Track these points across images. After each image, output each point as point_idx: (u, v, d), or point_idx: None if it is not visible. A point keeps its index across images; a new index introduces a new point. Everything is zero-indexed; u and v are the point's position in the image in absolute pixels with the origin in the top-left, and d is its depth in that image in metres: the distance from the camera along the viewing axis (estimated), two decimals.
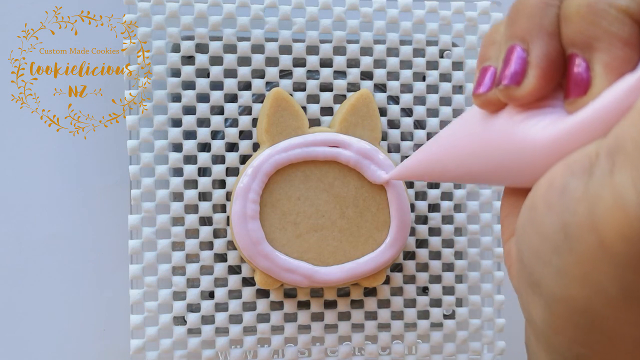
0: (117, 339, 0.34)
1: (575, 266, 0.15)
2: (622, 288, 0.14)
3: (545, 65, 0.17)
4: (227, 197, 0.33)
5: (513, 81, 0.17)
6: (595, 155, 0.15)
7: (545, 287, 0.16)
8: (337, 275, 0.31)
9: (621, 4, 0.15)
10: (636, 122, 0.13)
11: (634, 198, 0.13)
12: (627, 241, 0.14)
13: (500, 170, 0.18)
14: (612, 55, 0.15)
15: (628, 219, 0.13)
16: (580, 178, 0.15)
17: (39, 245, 0.34)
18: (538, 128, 0.16)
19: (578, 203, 0.15)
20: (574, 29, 0.16)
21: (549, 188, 0.16)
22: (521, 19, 0.17)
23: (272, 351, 0.33)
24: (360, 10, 0.33)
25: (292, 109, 0.31)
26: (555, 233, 0.15)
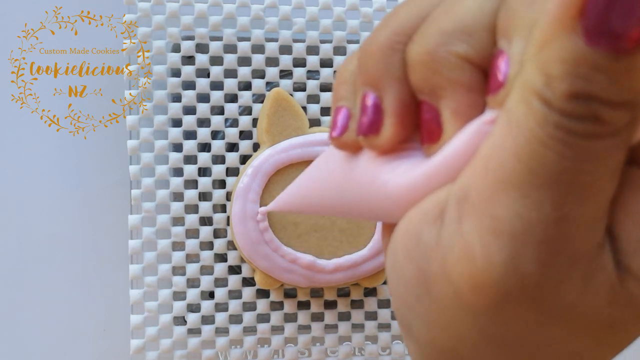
0: (118, 338, 0.34)
1: (436, 314, 0.15)
2: (482, 335, 0.15)
3: (400, 112, 0.16)
4: (227, 197, 0.33)
5: (371, 131, 0.17)
6: (445, 202, 0.15)
7: (415, 331, 0.16)
8: (337, 275, 0.31)
9: (459, 51, 0.15)
10: (479, 172, 0.14)
11: (480, 250, 0.13)
12: (478, 291, 0.14)
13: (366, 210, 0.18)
14: (457, 102, 0.15)
15: (476, 270, 0.14)
16: (433, 226, 0.15)
17: (39, 245, 0.34)
18: (396, 173, 0.17)
19: (432, 253, 0.15)
20: (419, 78, 0.16)
21: (406, 236, 0.16)
22: (369, 65, 0.17)
23: (272, 351, 0.33)
24: (361, 10, 0.33)
25: (292, 109, 0.31)
26: (415, 280, 0.15)
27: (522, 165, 0.13)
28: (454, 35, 0.15)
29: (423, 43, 0.15)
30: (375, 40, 0.17)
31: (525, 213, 0.13)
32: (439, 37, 0.15)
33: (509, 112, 0.13)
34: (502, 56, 0.14)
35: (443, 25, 0.15)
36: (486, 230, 0.13)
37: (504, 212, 0.13)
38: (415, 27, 0.16)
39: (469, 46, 0.15)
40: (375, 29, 0.17)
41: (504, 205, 0.13)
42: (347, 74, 0.18)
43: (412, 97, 0.16)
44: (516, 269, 0.13)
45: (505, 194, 0.13)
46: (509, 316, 0.14)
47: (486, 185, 0.13)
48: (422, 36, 0.16)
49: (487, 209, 0.13)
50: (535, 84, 0.12)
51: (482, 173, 0.13)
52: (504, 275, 0.13)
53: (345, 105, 0.18)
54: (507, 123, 0.13)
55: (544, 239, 0.13)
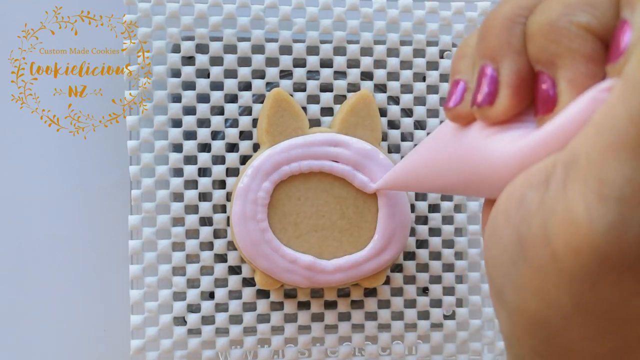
0: (118, 339, 0.34)
1: (530, 279, 0.15)
2: (574, 302, 0.14)
3: (515, 84, 0.17)
4: (228, 197, 0.33)
5: (486, 102, 0.17)
6: (552, 167, 0.15)
7: (506, 297, 0.16)
8: (337, 275, 0.31)
9: (581, 21, 0.15)
10: (590, 136, 0.13)
11: (584, 213, 0.13)
12: (578, 256, 0.14)
13: (472, 183, 0.18)
14: (575, 72, 0.15)
15: (578, 234, 0.13)
16: (537, 190, 0.15)
17: (39, 246, 0.34)
18: (505, 142, 0.17)
19: (533, 216, 0.15)
20: (538, 48, 0.16)
21: (508, 200, 0.16)
22: (490, 37, 0.17)
23: (272, 351, 0.33)
24: (361, 10, 0.33)
25: (292, 110, 0.31)
26: (512, 245, 0.15)
27: (636, 128, 0.12)
28: (577, 6, 0.15)
29: (545, 13, 0.16)
30: (498, 13, 0.17)
31: (636, 176, 0.13)
32: (562, 8, 0.15)
33: (626, 76, 0.13)
34: (625, 25, 0.14)
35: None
36: (592, 193, 0.13)
37: (612, 176, 0.13)
38: (537, 2, 0.16)
39: (592, 16, 0.15)
40: (499, 3, 0.17)
41: (613, 169, 0.13)
42: (467, 49, 0.18)
43: (529, 71, 0.17)
44: (620, 234, 0.13)
45: (616, 157, 0.13)
46: (606, 284, 0.14)
47: (596, 149, 0.13)
48: (544, 7, 0.16)
49: (595, 172, 0.13)
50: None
51: (593, 136, 0.13)
52: (607, 240, 0.13)
53: (463, 78, 0.18)
54: (623, 87, 0.13)
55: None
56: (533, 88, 0.17)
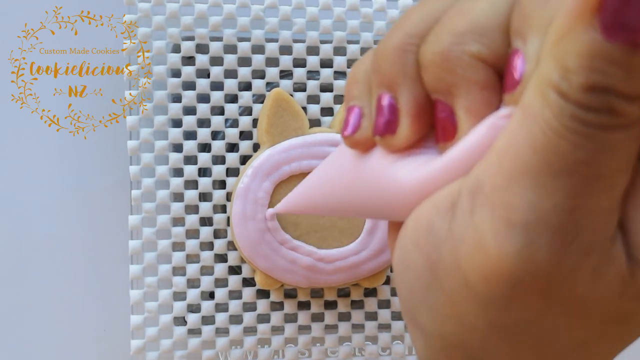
0: (118, 339, 0.34)
1: (445, 304, 0.15)
2: (489, 324, 0.15)
3: (415, 112, 0.17)
4: (228, 197, 0.33)
5: (388, 131, 0.17)
6: (457, 194, 0.15)
7: (422, 322, 0.16)
8: (337, 275, 0.31)
9: (472, 50, 0.15)
10: (494, 163, 0.14)
11: (492, 239, 0.14)
12: (488, 281, 0.14)
13: (375, 207, 0.18)
14: (471, 100, 0.15)
15: (488, 261, 0.14)
16: (444, 217, 0.15)
17: (39, 246, 0.34)
18: (408, 170, 0.17)
19: (443, 243, 0.15)
20: (432, 77, 0.16)
21: (416, 227, 0.16)
22: (384, 67, 0.17)
23: (272, 352, 0.33)
24: (361, 10, 0.33)
25: (292, 110, 0.31)
26: (425, 271, 0.16)
27: (537, 156, 0.13)
28: (467, 36, 0.15)
29: (436, 43, 0.16)
30: (389, 42, 0.17)
31: (539, 202, 0.13)
32: (452, 38, 0.15)
33: (524, 105, 0.13)
34: (517, 54, 0.14)
35: (456, 26, 0.15)
36: (499, 220, 0.13)
37: (517, 202, 0.13)
38: (428, 29, 0.16)
39: (482, 46, 0.15)
40: (389, 32, 0.17)
41: (517, 195, 0.13)
42: (360, 74, 0.18)
43: (427, 97, 0.17)
44: (529, 258, 0.13)
45: (519, 184, 0.13)
46: (519, 306, 0.14)
47: (500, 176, 0.13)
48: (435, 37, 0.16)
49: (500, 199, 0.13)
50: (552, 76, 0.12)
51: (496, 164, 0.14)
52: (517, 264, 0.13)
53: (358, 104, 0.18)
54: (522, 116, 0.13)
55: (557, 229, 0.13)
56: (432, 113, 0.17)
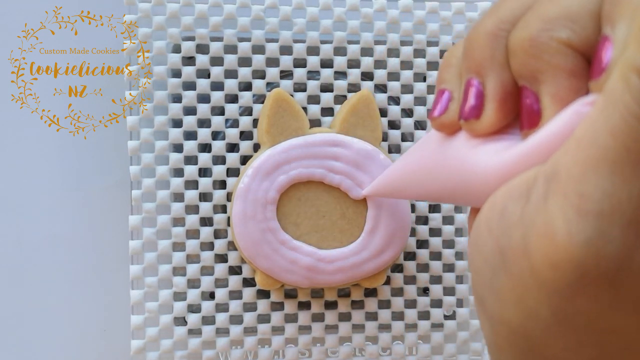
0: (118, 339, 0.34)
1: (511, 290, 0.15)
2: (553, 314, 0.15)
3: (501, 98, 0.17)
4: (228, 197, 0.33)
5: (472, 115, 0.17)
6: (533, 180, 0.15)
7: (488, 307, 0.16)
8: (337, 276, 0.31)
9: (561, 36, 0.15)
10: (571, 150, 0.14)
11: (563, 227, 0.13)
12: (555, 269, 0.14)
13: (458, 192, 0.18)
14: (558, 87, 0.15)
15: (556, 248, 0.14)
16: (517, 202, 0.15)
17: (39, 246, 0.34)
18: (490, 154, 0.17)
19: (514, 228, 0.15)
20: (519, 63, 0.16)
21: (490, 211, 0.16)
22: (474, 52, 0.17)
23: (272, 352, 0.33)
24: (361, 10, 0.33)
25: (292, 110, 0.31)
26: (494, 256, 0.16)
27: (616, 142, 0.13)
28: (557, 22, 0.15)
29: (526, 29, 0.16)
30: (481, 27, 0.17)
31: (614, 191, 0.13)
32: (542, 24, 0.15)
33: (607, 90, 0.13)
34: (606, 41, 0.14)
35: (547, 12, 0.15)
36: (571, 208, 0.13)
37: (592, 190, 0.13)
38: (520, 16, 0.16)
39: (572, 32, 0.15)
40: (482, 17, 0.17)
41: (593, 183, 0.13)
42: (453, 59, 0.19)
43: (514, 85, 0.17)
44: (598, 250, 0.13)
45: (596, 172, 0.13)
46: (584, 297, 0.14)
47: (576, 163, 0.13)
48: (525, 22, 0.16)
49: (575, 187, 0.13)
50: (635, 60, 0.12)
51: (574, 150, 0.13)
52: (585, 255, 0.13)
53: (448, 87, 0.19)
54: (604, 102, 0.13)
55: (632, 219, 0.13)
56: (518, 101, 0.17)
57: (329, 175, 0.31)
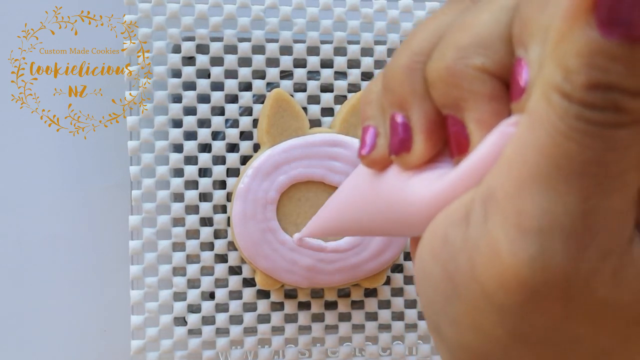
0: (118, 339, 0.34)
1: (465, 314, 0.15)
2: (510, 333, 0.15)
3: (428, 128, 0.17)
4: (228, 197, 0.33)
5: (403, 149, 0.17)
6: (470, 203, 0.15)
7: (444, 333, 0.16)
8: (337, 276, 0.31)
9: (476, 63, 0.15)
10: (504, 170, 0.14)
11: (506, 247, 0.13)
12: (505, 290, 0.14)
13: (395, 225, 0.18)
14: (480, 112, 0.16)
15: (503, 268, 0.14)
16: (458, 227, 0.15)
17: (40, 246, 0.34)
18: (423, 185, 0.17)
19: (459, 253, 0.15)
20: (440, 93, 0.16)
21: (432, 239, 0.16)
22: (393, 87, 0.17)
23: (272, 352, 0.33)
24: (361, 11, 0.33)
25: (292, 110, 0.31)
26: (443, 283, 0.16)
27: (546, 159, 0.13)
28: (470, 49, 0.15)
29: (441, 59, 0.16)
30: (397, 62, 0.17)
31: (551, 207, 0.13)
32: (455, 52, 0.15)
33: (530, 110, 0.13)
34: (521, 63, 0.14)
35: (458, 40, 0.15)
36: (512, 227, 0.13)
37: (529, 208, 0.13)
38: (433, 47, 0.16)
39: (486, 58, 0.15)
40: (396, 51, 0.17)
41: (529, 201, 0.13)
42: (372, 95, 0.19)
43: (439, 113, 0.17)
44: (544, 265, 0.13)
45: (530, 189, 0.13)
46: (537, 313, 0.14)
47: (511, 182, 0.13)
48: (439, 53, 0.16)
49: (512, 206, 0.13)
50: (554, 79, 0.12)
51: (507, 171, 0.14)
52: (532, 271, 0.13)
53: (373, 124, 0.19)
54: (529, 121, 0.13)
55: (571, 233, 0.13)
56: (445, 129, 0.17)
57: (329, 175, 0.31)
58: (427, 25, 0.17)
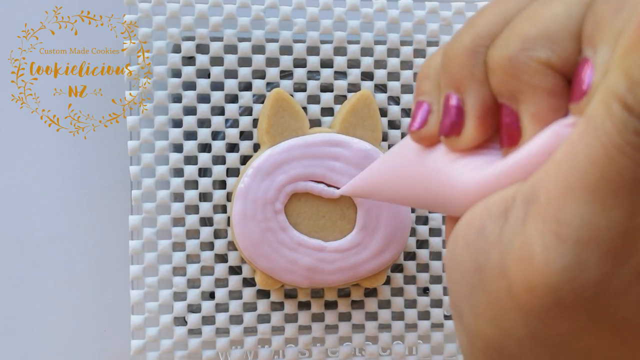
0: (118, 339, 0.34)
1: (488, 307, 0.15)
2: (529, 333, 0.15)
3: (481, 115, 0.17)
4: (228, 197, 0.33)
5: (453, 132, 0.17)
6: (512, 200, 0.15)
7: (465, 320, 0.16)
8: (337, 276, 0.31)
9: (540, 56, 0.15)
10: (551, 174, 0.14)
11: (541, 252, 0.13)
12: (533, 293, 0.14)
13: (435, 202, 0.18)
14: (537, 106, 0.15)
15: (534, 272, 0.14)
16: (496, 221, 0.15)
17: (40, 246, 0.34)
18: (468, 169, 0.17)
19: (492, 248, 0.15)
20: (499, 82, 0.16)
21: (468, 227, 0.16)
22: (452, 68, 0.17)
23: (272, 352, 0.33)
24: (361, 10, 0.33)
25: (292, 110, 0.31)
26: (471, 272, 0.16)
27: (596, 170, 0.12)
28: (536, 41, 0.15)
29: (504, 48, 0.15)
30: (459, 42, 0.17)
31: (593, 219, 0.13)
32: (521, 43, 0.15)
33: (588, 116, 0.13)
34: (586, 64, 0.14)
35: (526, 30, 0.15)
36: (550, 233, 0.13)
37: (571, 217, 0.13)
38: (499, 31, 0.16)
39: (551, 52, 0.15)
40: (460, 30, 0.17)
41: (572, 210, 0.13)
42: (430, 70, 0.18)
43: (494, 100, 0.16)
44: (575, 276, 0.13)
45: (575, 199, 0.13)
46: (559, 319, 0.14)
47: (556, 188, 0.13)
48: (504, 41, 0.16)
49: (554, 212, 0.13)
50: (618, 88, 0.12)
51: (554, 174, 0.13)
52: (562, 280, 0.13)
53: (427, 100, 0.18)
54: (584, 127, 0.13)
55: (610, 249, 0.13)
56: (498, 116, 0.17)
57: (329, 175, 0.31)
58: (495, 6, 0.16)
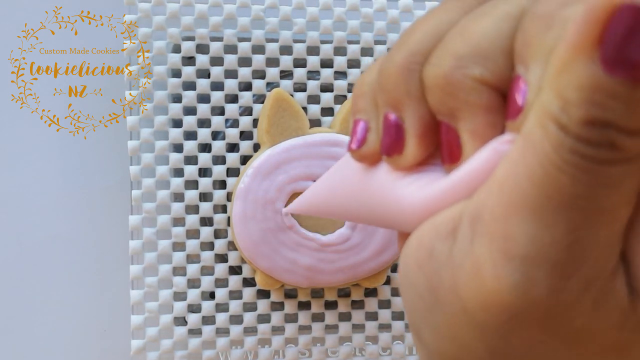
0: (118, 339, 0.34)
1: (445, 326, 0.15)
2: (487, 349, 0.15)
3: (421, 132, 0.17)
4: (228, 197, 0.33)
5: (395, 151, 0.17)
6: (459, 219, 0.15)
7: (424, 337, 0.17)
8: (337, 276, 0.31)
9: (475, 74, 0.15)
10: (494, 192, 0.14)
11: (490, 270, 0.13)
12: (486, 311, 0.14)
13: (381, 220, 0.18)
14: (475, 123, 0.15)
15: (486, 291, 0.14)
16: (445, 242, 0.15)
17: (40, 246, 0.34)
18: (413, 188, 0.17)
19: (443, 268, 0.15)
20: (436, 100, 0.16)
21: (418, 248, 0.16)
22: (389, 85, 0.17)
23: (272, 352, 0.33)
24: (361, 10, 0.33)
25: (292, 110, 0.31)
26: (426, 293, 0.16)
27: (536, 189, 0.13)
28: (469, 59, 0.15)
29: (438, 66, 0.15)
30: (393, 60, 0.17)
31: (538, 236, 0.13)
32: (454, 61, 0.15)
33: (525, 135, 0.13)
34: (520, 82, 0.14)
35: (458, 48, 0.15)
36: (497, 251, 0.13)
37: (516, 234, 0.13)
38: (431, 47, 0.16)
39: (484, 69, 0.15)
40: (393, 47, 0.17)
41: (516, 227, 0.13)
42: (365, 87, 0.18)
43: (432, 116, 0.16)
44: (526, 292, 0.13)
45: (518, 216, 0.13)
46: (516, 334, 0.14)
47: (500, 207, 0.13)
48: (437, 59, 0.16)
49: (499, 230, 0.13)
50: (552, 108, 0.12)
51: (497, 194, 0.14)
52: (514, 297, 0.13)
53: (363, 118, 0.18)
54: (522, 146, 0.13)
55: (556, 263, 0.13)
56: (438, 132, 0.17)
57: None
58: (426, 22, 0.17)
